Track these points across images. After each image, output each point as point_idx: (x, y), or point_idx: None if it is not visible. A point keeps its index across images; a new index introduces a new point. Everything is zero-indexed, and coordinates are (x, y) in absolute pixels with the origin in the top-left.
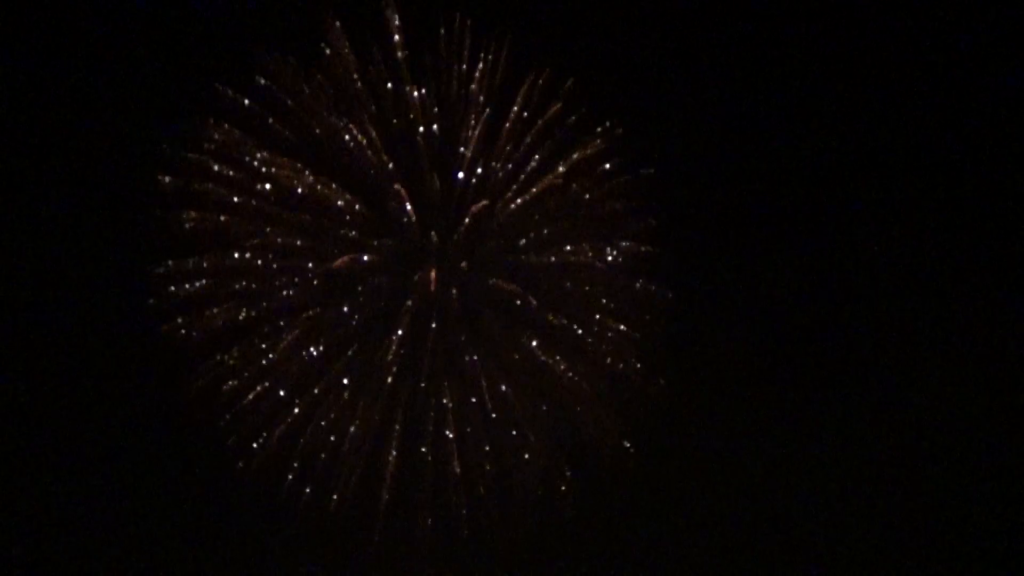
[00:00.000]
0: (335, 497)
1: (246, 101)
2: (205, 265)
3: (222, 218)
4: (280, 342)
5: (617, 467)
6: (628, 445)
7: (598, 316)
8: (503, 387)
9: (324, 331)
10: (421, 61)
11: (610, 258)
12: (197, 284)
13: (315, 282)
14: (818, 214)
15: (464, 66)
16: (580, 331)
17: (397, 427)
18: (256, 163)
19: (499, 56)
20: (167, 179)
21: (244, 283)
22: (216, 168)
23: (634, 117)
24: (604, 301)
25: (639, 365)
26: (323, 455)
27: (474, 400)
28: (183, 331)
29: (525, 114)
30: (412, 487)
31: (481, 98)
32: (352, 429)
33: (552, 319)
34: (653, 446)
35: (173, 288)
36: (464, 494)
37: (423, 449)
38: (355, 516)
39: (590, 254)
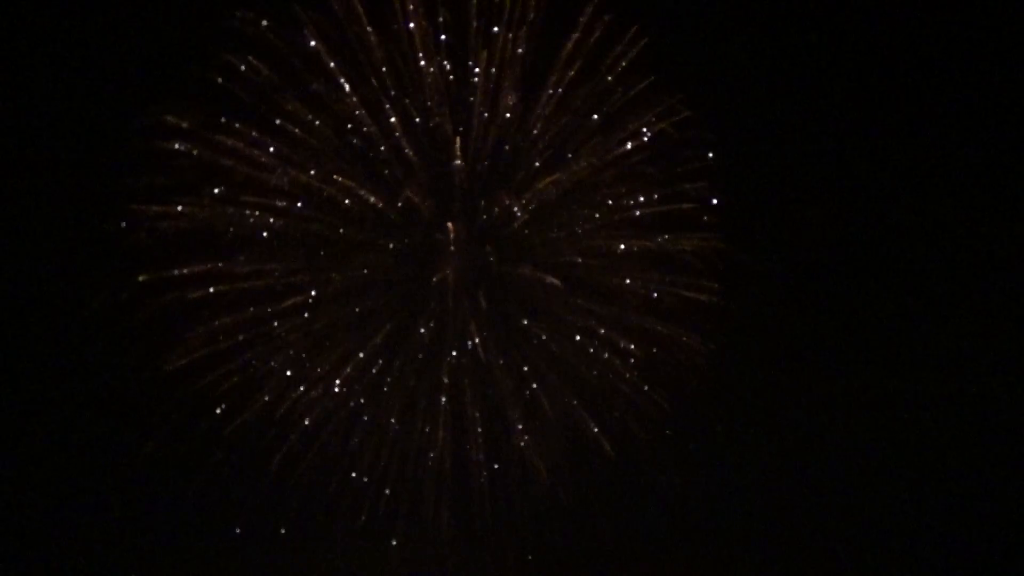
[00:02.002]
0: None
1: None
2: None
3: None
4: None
5: (650, 477)
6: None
7: (641, 316)
8: (530, 391)
9: (336, 337)
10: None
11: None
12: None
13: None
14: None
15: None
16: (619, 334)
17: (416, 435)
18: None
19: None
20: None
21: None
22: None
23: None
24: (650, 298)
25: (686, 373)
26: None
27: (499, 407)
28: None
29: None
30: (429, 491)
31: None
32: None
33: (589, 318)
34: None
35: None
36: (487, 503)
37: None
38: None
39: (635, 245)
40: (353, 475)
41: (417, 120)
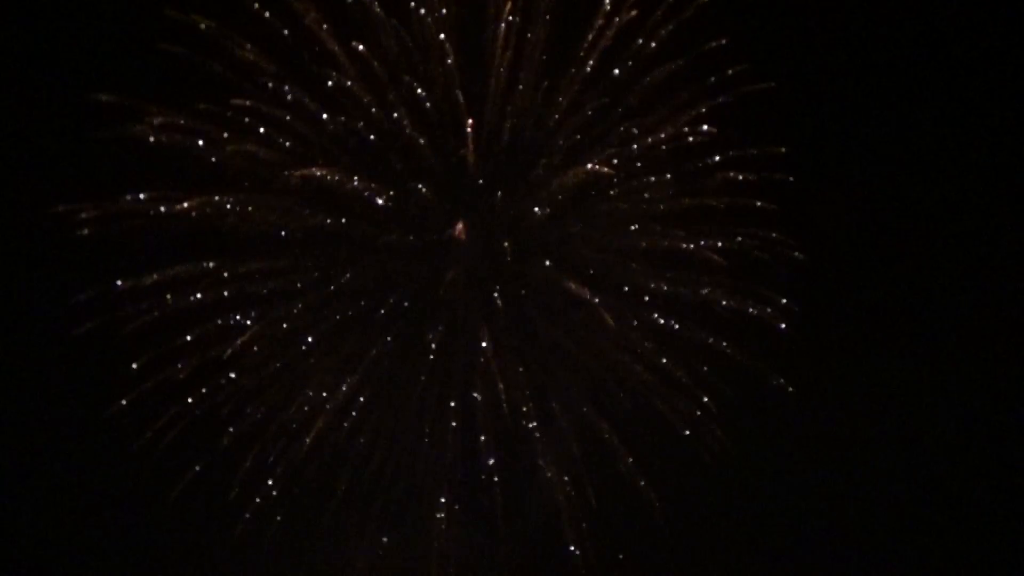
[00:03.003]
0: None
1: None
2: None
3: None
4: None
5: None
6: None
7: (668, 319)
8: (544, 396)
9: (343, 338)
10: None
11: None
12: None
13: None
14: None
15: None
16: (643, 338)
17: (425, 443)
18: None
19: None
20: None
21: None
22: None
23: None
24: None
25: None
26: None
27: (512, 413)
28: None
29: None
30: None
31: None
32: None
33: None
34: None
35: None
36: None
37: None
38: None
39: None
40: (360, 479)
41: (428, 107)
